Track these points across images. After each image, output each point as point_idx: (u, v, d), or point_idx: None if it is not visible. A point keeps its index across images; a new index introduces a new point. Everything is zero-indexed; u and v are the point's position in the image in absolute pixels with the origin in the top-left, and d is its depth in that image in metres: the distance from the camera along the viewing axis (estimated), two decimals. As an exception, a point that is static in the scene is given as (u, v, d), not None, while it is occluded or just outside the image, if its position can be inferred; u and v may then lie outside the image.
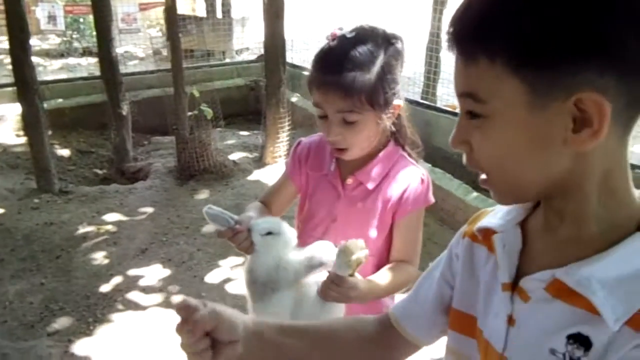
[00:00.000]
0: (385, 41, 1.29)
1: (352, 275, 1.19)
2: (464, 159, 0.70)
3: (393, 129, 1.40)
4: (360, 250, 1.15)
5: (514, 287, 0.70)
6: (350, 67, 1.24)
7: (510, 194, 0.68)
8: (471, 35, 0.59)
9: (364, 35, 1.28)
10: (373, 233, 1.37)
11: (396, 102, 1.32)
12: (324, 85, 1.27)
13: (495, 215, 0.77)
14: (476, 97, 0.61)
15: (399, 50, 1.31)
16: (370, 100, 1.25)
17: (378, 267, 1.39)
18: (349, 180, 1.41)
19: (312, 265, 1.26)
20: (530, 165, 0.62)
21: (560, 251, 0.66)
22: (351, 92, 1.24)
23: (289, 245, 1.28)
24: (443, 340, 0.88)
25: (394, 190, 1.37)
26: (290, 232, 1.28)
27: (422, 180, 1.39)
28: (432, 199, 1.41)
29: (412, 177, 1.38)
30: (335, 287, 1.19)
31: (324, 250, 1.26)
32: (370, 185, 1.38)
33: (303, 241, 1.48)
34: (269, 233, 1.25)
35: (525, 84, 0.57)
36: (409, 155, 1.46)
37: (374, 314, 1.42)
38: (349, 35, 1.27)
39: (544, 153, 0.60)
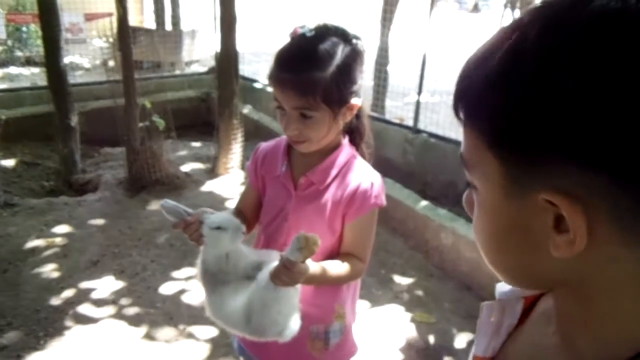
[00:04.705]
0: (345, 41, 1.33)
1: (302, 262, 1.24)
2: None
3: (351, 125, 1.46)
4: (314, 244, 1.21)
5: None
6: (306, 66, 1.29)
7: (502, 278, 0.58)
8: (458, 95, 0.53)
9: (323, 34, 1.32)
10: (323, 232, 1.41)
11: (354, 101, 1.37)
12: (281, 83, 1.32)
13: None
14: (465, 163, 0.55)
15: (357, 50, 1.35)
16: (325, 99, 1.30)
17: None
18: (301, 180, 1.45)
19: (259, 268, 1.34)
20: (509, 255, 0.54)
21: (533, 348, 0.60)
22: (306, 91, 1.29)
23: (236, 240, 1.34)
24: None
25: (344, 192, 1.42)
26: (239, 229, 1.34)
27: (372, 184, 1.43)
28: (382, 202, 1.45)
29: (362, 180, 1.43)
30: (286, 272, 1.23)
31: (272, 258, 1.33)
32: (321, 186, 1.43)
33: (257, 239, 1.58)
34: (218, 227, 1.32)
35: (500, 163, 0.49)
36: (362, 155, 1.51)
37: (325, 313, 1.50)
38: (308, 34, 1.31)
39: (525, 244, 0.51)
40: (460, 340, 2.94)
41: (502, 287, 0.67)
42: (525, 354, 0.61)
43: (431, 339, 2.95)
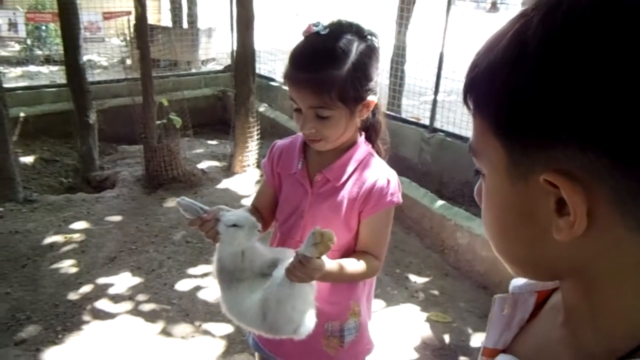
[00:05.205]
0: (359, 38, 1.32)
1: (318, 258, 1.24)
2: None
3: (367, 122, 1.46)
4: (329, 239, 1.21)
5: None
6: (321, 65, 1.29)
7: (510, 268, 0.59)
8: (467, 86, 0.54)
9: (337, 31, 1.32)
10: (339, 229, 1.41)
11: (370, 98, 1.36)
12: (296, 82, 1.32)
13: None
14: (474, 152, 0.55)
15: (372, 47, 1.35)
16: (340, 97, 1.30)
17: None
18: (317, 178, 1.45)
19: (275, 265, 1.35)
20: (517, 242, 0.54)
21: (542, 340, 0.60)
22: (321, 90, 1.29)
23: (251, 238, 1.35)
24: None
25: (360, 189, 1.42)
26: (255, 227, 1.34)
27: (389, 181, 1.43)
28: (399, 199, 1.44)
29: (379, 177, 1.43)
30: (301, 267, 1.23)
31: (288, 255, 1.34)
32: (337, 183, 1.43)
33: (273, 236, 1.59)
34: (234, 225, 1.32)
35: (504, 148, 0.50)
36: (378, 152, 1.51)
37: (340, 310, 1.50)
38: (322, 32, 1.31)
39: (532, 231, 0.51)
40: (476, 339, 2.92)
41: (517, 281, 0.68)
42: (534, 346, 0.61)
43: (447, 338, 2.94)
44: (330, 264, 1.32)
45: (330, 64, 1.29)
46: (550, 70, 0.44)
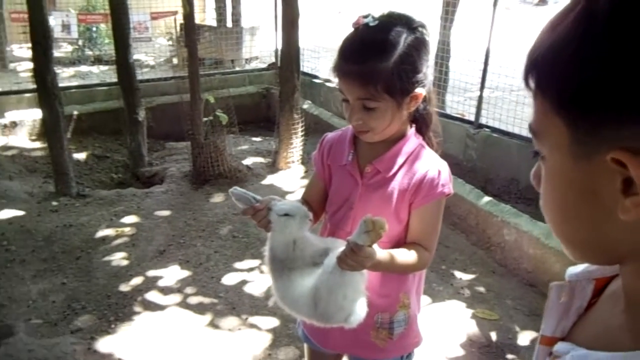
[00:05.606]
0: (409, 30, 1.32)
1: (369, 246, 1.24)
2: None
3: (417, 115, 1.46)
4: (381, 227, 1.21)
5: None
6: (368, 56, 1.30)
7: (570, 251, 0.58)
8: (529, 65, 0.53)
9: (387, 23, 1.32)
10: (390, 221, 1.39)
11: (418, 90, 1.36)
12: (344, 74, 1.34)
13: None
14: (534, 133, 0.55)
15: (421, 39, 1.34)
16: (387, 89, 1.31)
17: None
18: (367, 169, 1.46)
19: (326, 254, 1.37)
20: (579, 223, 0.53)
21: (601, 327, 0.59)
22: (368, 82, 1.30)
23: (303, 227, 1.37)
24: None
25: (411, 180, 1.42)
26: (306, 216, 1.37)
27: (440, 172, 1.42)
28: (450, 190, 1.43)
29: (429, 168, 1.42)
30: (353, 255, 1.23)
31: (339, 245, 1.35)
32: (388, 174, 1.44)
33: (323, 227, 1.61)
34: (286, 214, 1.35)
35: (568, 127, 0.49)
36: (429, 144, 1.51)
37: (390, 302, 1.50)
38: (372, 24, 1.32)
39: (594, 211, 0.50)
40: (524, 337, 2.88)
41: (574, 269, 0.67)
42: (593, 334, 0.60)
43: (493, 335, 2.90)
44: (381, 253, 1.33)
45: (377, 55, 1.30)
46: (621, 43, 0.42)
